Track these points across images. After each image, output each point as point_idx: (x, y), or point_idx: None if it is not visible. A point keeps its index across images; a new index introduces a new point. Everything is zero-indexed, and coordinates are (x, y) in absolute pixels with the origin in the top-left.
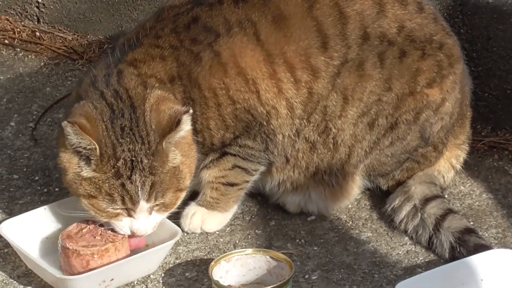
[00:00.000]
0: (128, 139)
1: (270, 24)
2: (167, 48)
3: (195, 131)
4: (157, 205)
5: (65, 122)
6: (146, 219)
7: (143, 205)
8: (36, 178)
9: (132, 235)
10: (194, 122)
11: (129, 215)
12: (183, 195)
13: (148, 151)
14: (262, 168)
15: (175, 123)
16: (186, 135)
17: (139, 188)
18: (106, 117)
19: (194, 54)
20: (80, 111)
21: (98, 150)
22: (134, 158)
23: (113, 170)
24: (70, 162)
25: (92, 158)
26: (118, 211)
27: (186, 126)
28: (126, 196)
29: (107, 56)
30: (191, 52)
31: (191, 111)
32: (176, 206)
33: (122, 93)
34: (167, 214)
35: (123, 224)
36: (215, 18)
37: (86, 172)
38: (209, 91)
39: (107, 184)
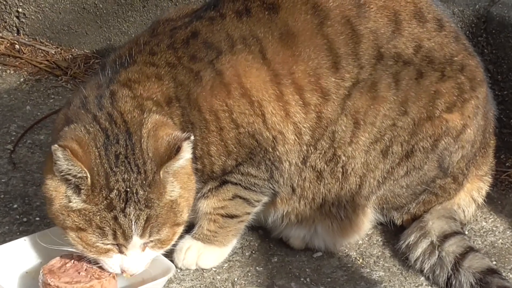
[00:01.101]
0: (123, 168)
1: (277, 42)
2: (163, 66)
3: (194, 157)
4: (151, 241)
5: (56, 145)
6: (138, 256)
7: (136, 241)
8: (15, 206)
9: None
10: (193, 147)
11: (120, 252)
12: (180, 230)
13: (144, 182)
14: (265, 199)
15: (175, 151)
16: (186, 165)
17: (133, 222)
18: (100, 143)
19: (193, 73)
20: (72, 135)
21: (89, 179)
22: (128, 189)
23: (105, 202)
24: (57, 191)
25: (82, 187)
26: (109, 246)
27: (186, 154)
28: (119, 231)
29: (97, 74)
30: (190, 70)
31: (192, 137)
32: (172, 243)
33: (117, 117)
34: (162, 251)
35: (113, 262)
36: (217, 34)
37: (75, 203)
38: (210, 113)
39: (98, 217)
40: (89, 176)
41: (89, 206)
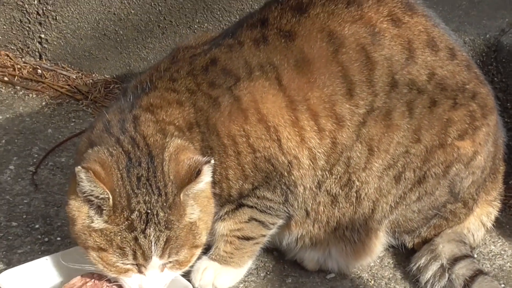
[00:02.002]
0: (144, 190)
1: (293, 69)
2: (183, 92)
3: (213, 181)
4: (170, 262)
5: (79, 167)
6: (157, 276)
7: (156, 261)
8: (37, 226)
9: None
10: (212, 172)
11: (140, 272)
12: (198, 252)
13: (165, 204)
14: (280, 222)
15: (195, 174)
16: (205, 188)
17: (153, 243)
18: (122, 165)
19: (212, 99)
20: (95, 157)
21: (111, 200)
22: (149, 211)
23: (126, 223)
24: (80, 211)
25: (104, 208)
26: (128, 266)
27: (206, 177)
28: (139, 251)
29: (119, 99)
30: (209, 96)
31: (212, 161)
32: (190, 264)
33: (139, 141)
34: (180, 271)
35: (132, 281)
36: (235, 61)
37: (97, 223)
38: (228, 138)
39: (119, 237)
40: (111, 197)
41: (111, 227)
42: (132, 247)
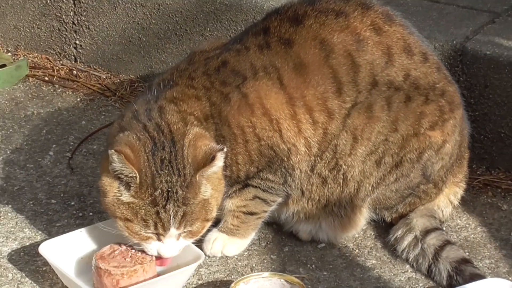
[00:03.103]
0: (166, 171)
1: (292, 71)
2: (200, 89)
3: (225, 165)
4: (184, 232)
5: (113, 150)
6: (173, 243)
7: (173, 231)
8: (72, 203)
9: (159, 257)
10: (224, 158)
11: (159, 239)
12: (209, 224)
13: (183, 183)
14: (279, 200)
15: (210, 159)
16: (218, 171)
17: (172, 217)
18: (148, 148)
19: (224, 95)
20: (125, 141)
21: (138, 179)
22: (170, 189)
23: (150, 198)
24: (111, 186)
25: (132, 185)
26: (150, 235)
27: (219, 162)
28: (159, 223)
29: (145, 93)
30: (221, 93)
31: (225, 149)
32: (201, 234)
33: (164, 127)
34: (193, 240)
35: (152, 247)
36: (242, 63)
37: (125, 197)
38: (237, 128)
39: (143, 210)
40: (138, 176)
41: (136, 201)
42: (154, 219)
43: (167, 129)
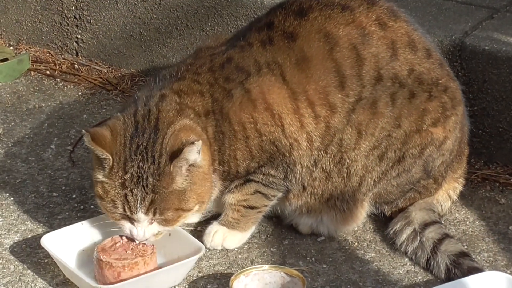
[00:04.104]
0: (140, 157)
1: (294, 66)
2: (205, 85)
3: (222, 161)
4: (157, 219)
5: (83, 130)
6: (144, 228)
7: (141, 216)
8: (74, 196)
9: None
10: (222, 153)
11: (131, 222)
12: (186, 214)
13: (156, 171)
14: (280, 195)
15: (181, 151)
16: (203, 164)
17: (138, 202)
18: (129, 133)
19: (226, 91)
20: (111, 123)
21: (111, 161)
22: (140, 175)
23: (120, 181)
24: (95, 163)
25: (105, 166)
26: (120, 215)
27: (190, 155)
28: (126, 206)
29: (150, 82)
30: (224, 89)
31: (197, 143)
32: (178, 223)
33: (152, 114)
34: (169, 228)
35: (125, 228)
36: (246, 59)
37: (100, 176)
38: (238, 125)
39: (113, 191)
40: (111, 158)
41: (109, 181)
42: (122, 201)
43: (155, 116)
